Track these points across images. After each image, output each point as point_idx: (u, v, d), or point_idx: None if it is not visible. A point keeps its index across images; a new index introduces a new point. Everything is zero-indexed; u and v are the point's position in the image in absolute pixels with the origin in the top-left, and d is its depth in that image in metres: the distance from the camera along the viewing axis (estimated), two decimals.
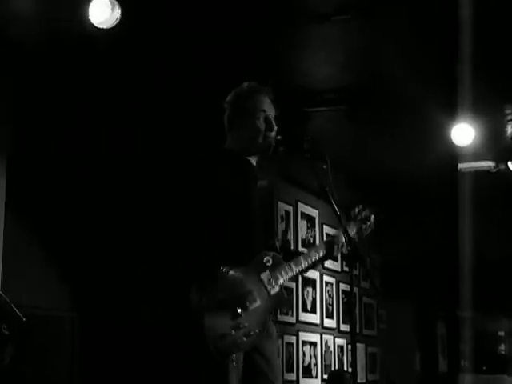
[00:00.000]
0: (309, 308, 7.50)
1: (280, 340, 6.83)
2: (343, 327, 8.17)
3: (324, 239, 7.28)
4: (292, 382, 7.04)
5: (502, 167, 7.36)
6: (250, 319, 3.31)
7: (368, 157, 7.66)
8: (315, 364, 7.54)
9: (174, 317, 3.45)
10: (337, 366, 7.97)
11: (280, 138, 3.58)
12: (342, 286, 8.23)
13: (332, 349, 7.94)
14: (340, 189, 3.46)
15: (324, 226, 7.93)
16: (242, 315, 3.29)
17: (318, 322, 7.70)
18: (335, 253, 3.66)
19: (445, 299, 9.56)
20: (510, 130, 6.83)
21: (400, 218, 8.93)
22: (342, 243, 3.64)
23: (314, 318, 7.62)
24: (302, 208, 7.56)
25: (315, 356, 7.55)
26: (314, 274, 7.57)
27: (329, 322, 7.92)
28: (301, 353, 7.26)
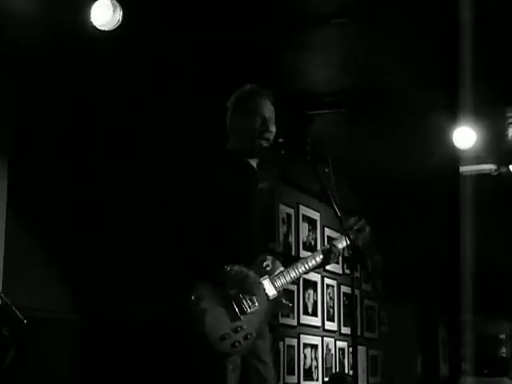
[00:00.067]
0: (310, 310, 7.50)
1: (281, 342, 6.83)
2: (344, 330, 8.16)
3: (325, 242, 7.28)
4: None
5: (503, 170, 7.36)
6: (249, 322, 3.34)
7: (369, 160, 7.65)
8: (316, 367, 7.53)
9: (173, 317, 3.45)
10: (338, 369, 7.97)
11: (281, 140, 3.59)
12: (344, 288, 8.23)
13: (333, 351, 7.93)
14: (341, 191, 3.47)
15: (325, 228, 7.92)
16: (241, 318, 3.31)
17: (319, 324, 7.70)
18: (332, 261, 3.70)
19: (446, 302, 9.54)
20: (511, 133, 6.83)
21: (401, 220, 8.94)
22: (339, 252, 3.68)
23: (315, 321, 7.61)
24: (304, 210, 7.56)
25: (316, 359, 7.55)
26: (315, 277, 7.56)
27: (330, 325, 7.92)
28: (302, 355, 7.25)
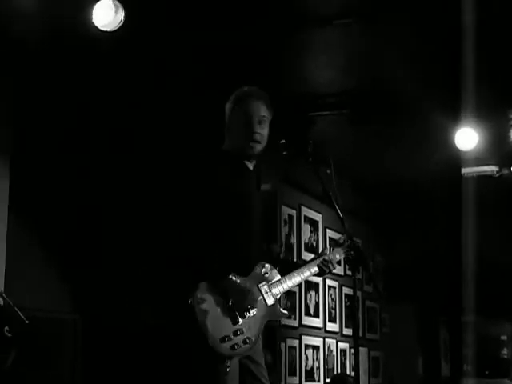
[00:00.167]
0: (312, 312, 7.50)
1: (283, 344, 6.83)
2: (346, 331, 8.16)
3: (327, 244, 7.27)
4: None
5: (505, 172, 7.35)
6: (249, 327, 3.36)
7: (371, 161, 7.65)
8: (318, 368, 7.53)
9: (174, 317, 3.45)
10: (339, 370, 7.97)
11: (284, 141, 3.58)
12: (345, 289, 8.23)
13: (335, 352, 7.93)
14: (343, 193, 3.46)
15: (327, 229, 7.92)
16: (241, 322, 3.33)
17: (321, 325, 7.70)
18: (328, 272, 3.73)
19: (447, 303, 9.54)
20: None
21: (403, 221, 8.94)
22: (334, 267, 3.70)
23: (317, 322, 7.61)
24: (306, 212, 7.56)
25: (318, 360, 7.54)
26: (316, 278, 7.55)
27: (332, 326, 7.91)
28: (303, 356, 7.25)
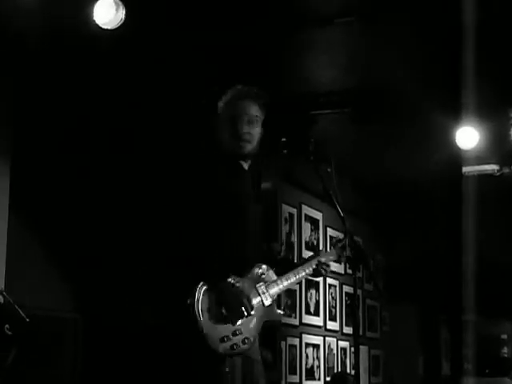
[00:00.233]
0: (312, 310, 7.50)
1: (283, 342, 6.83)
2: (346, 329, 8.16)
3: (328, 242, 7.27)
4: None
5: (505, 171, 7.35)
6: (247, 327, 3.37)
7: (372, 159, 7.65)
8: (318, 366, 7.54)
9: (174, 316, 3.46)
10: (340, 369, 7.97)
11: (284, 140, 3.58)
12: (346, 288, 8.23)
13: (335, 351, 7.93)
14: (344, 191, 3.47)
15: (328, 228, 7.93)
16: (240, 322, 3.33)
17: (321, 324, 7.70)
18: (321, 276, 3.78)
19: (448, 302, 9.54)
20: None
21: (404, 220, 8.94)
22: (329, 270, 3.73)
23: (317, 321, 7.61)
24: (306, 210, 7.56)
25: (318, 358, 7.55)
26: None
27: (332, 325, 7.92)
28: (304, 355, 7.25)
